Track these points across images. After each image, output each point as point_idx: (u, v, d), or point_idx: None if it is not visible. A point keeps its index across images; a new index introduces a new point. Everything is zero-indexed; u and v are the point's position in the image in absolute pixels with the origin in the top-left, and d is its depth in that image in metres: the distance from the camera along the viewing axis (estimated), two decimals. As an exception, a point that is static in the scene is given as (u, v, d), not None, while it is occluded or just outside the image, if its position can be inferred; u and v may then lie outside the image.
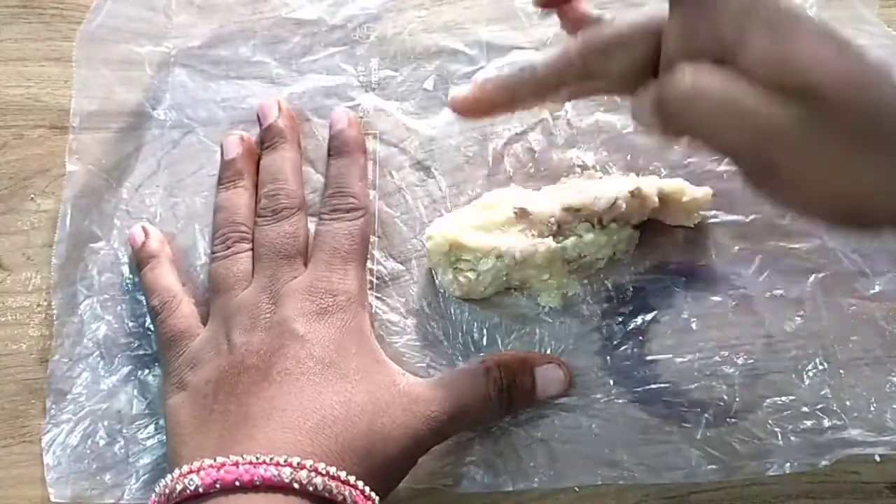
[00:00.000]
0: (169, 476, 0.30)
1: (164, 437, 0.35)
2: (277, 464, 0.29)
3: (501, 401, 0.34)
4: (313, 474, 0.29)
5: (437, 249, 0.36)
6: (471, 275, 0.36)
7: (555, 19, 0.41)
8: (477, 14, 0.41)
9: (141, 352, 0.37)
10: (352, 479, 0.30)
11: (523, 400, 0.35)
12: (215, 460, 0.29)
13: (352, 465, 0.30)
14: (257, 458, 0.29)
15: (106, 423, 0.36)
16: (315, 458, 0.29)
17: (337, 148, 0.38)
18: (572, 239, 0.36)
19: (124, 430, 0.36)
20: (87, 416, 0.36)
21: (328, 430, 0.31)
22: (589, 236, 0.35)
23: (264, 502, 0.28)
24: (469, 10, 0.41)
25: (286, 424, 0.31)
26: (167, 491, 0.29)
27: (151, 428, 0.36)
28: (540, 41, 0.41)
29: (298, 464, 0.29)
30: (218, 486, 0.28)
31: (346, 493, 0.29)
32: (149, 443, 0.36)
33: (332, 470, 0.29)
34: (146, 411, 0.37)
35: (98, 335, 0.38)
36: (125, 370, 0.37)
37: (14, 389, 0.37)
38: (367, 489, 0.30)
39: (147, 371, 0.37)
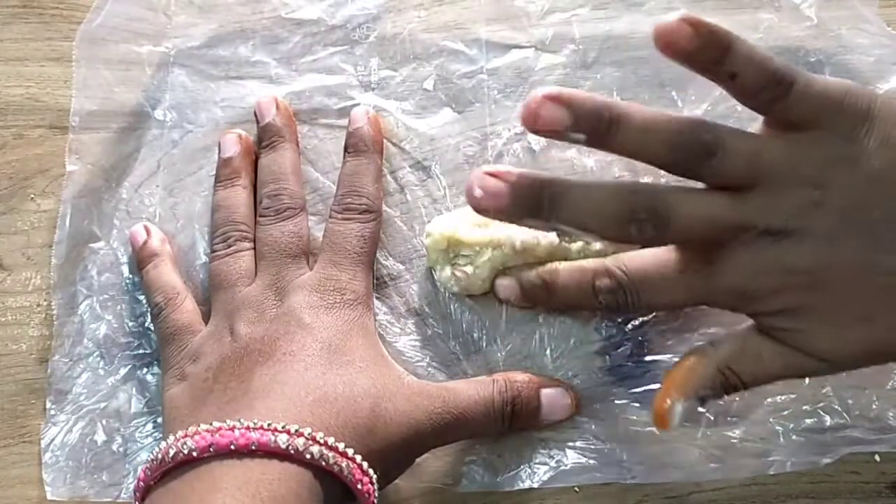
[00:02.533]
0: (163, 443, 0.29)
1: (161, 434, 0.35)
2: (274, 430, 0.29)
3: (505, 414, 0.34)
4: (310, 443, 0.29)
5: (436, 246, 0.36)
6: (469, 269, 0.36)
7: (553, 19, 0.41)
8: (477, 14, 0.41)
9: (140, 351, 0.37)
10: (349, 451, 0.30)
11: (527, 419, 0.35)
12: (211, 425, 0.29)
13: (351, 440, 0.30)
14: (254, 424, 0.29)
15: (104, 421, 0.36)
16: (314, 428, 0.29)
17: (354, 146, 0.38)
18: (580, 244, 0.35)
19: (122, 429, 0.36)
20: (86, 416, 0.36)
21: (329, 406, 0.31)
22: (597, 246, 0.35)
23: (259, 468, 0.28)
24: (469, 9, 0.41)
25: (287, 396, 0.31)
26: (160, 456, 0.29)
27: (150, 426, 0.36)
28: (540, 41, 0.41)
29: (296, 431, 0.29)
30: (212, 449, 0.28)
31: (343, 464, 0.29)
32: (147, 441, 0.36)
33: (331, 440, 0.29)
34: (145, 410, 0.37)
35: (98, 335, 0.38)
36: (125, 370, 0.37)
37: (14, 389, 0.37)
38: (365, 464, 0.30)
39: (146, 370, 0.37)
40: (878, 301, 0.29)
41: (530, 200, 0.29)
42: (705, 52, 0.28)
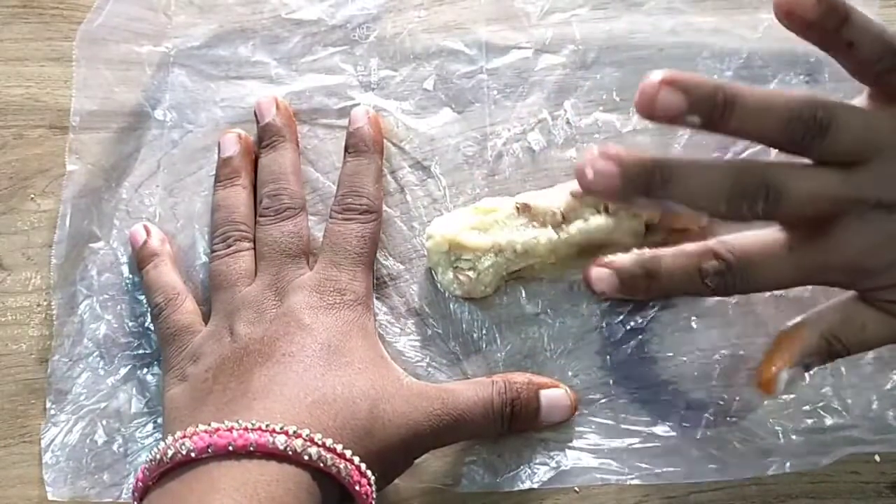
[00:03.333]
0: (161, 443, 0.30)
1: (161, 434, 0.35)
2: (273, 431, 0.29)
3: (504, 415, 0.34)
4: (308, 444, 0.29)
5: (437, 249, 0.36)
6: (471, 273, 0.36)
7: (553, 19, 0.41)
8: (477, 14, 0.41)
9: (140, 351, 0.37)
10: (348, 453, 0.30)
11: (526, 420, 0.35)
12: (209, 425, 0.29)
13: (349, 442, 0.30)
14: (252, 425, 0.29)
15: (105, 421, 0.36)
16: (312, 429, 0.29)
17: (354, 146, 0.38)
18: (578, 223, 0.35)
19: (123, 429, 0.36)
20: (87, 416, 0.37)
21: (327, 407, 0.31)
22: (597, 219, 0.35)
23: (258, 469, 0.28)
24: (469, 10, 0.41)
25: (285, 397, 0.31)
26: (159, 457, 0.29)
27: (150, 426, 0.36)
28: (540, 41, 0.40)
29: (294, 432, 0.29)
30: (210, 450, 0.28)
31: (341, 466, 0.29)
32: (147, 441, 0.36)
33: (329, 442, 0.29)
34: (145, 410, 0.37)
35: (98, 335, 0.38)
36: (125, 370, 0.37)
37: (14, 389, 0.37)
38: (363, 466, 0.30)
39: (146, 370, 0.37)
40: None
41: (642, 179, 0.29)
42: (825, 20, 0.28)
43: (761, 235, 0.32)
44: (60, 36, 0.42)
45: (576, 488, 0.35)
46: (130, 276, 0.38)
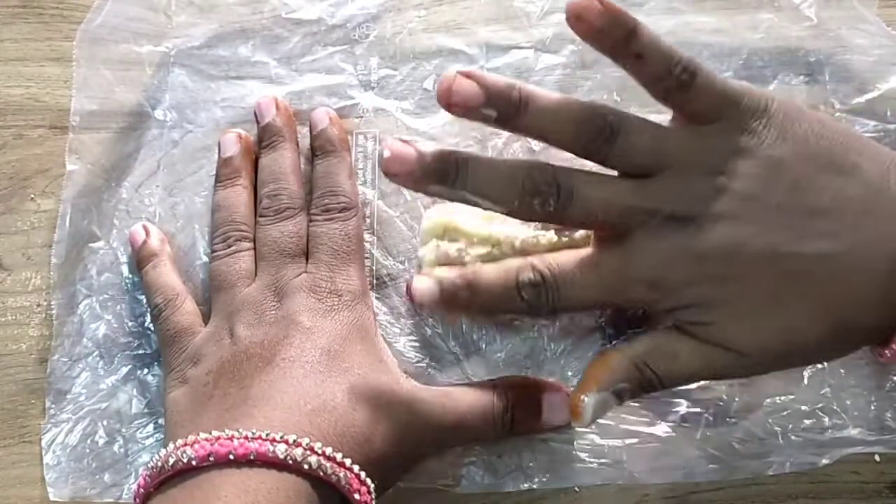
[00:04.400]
0: (163, 450, 0.30)
1: (163, 436, 0.35)
2: (273, 440, 0.29)
3: (504, 420, 0.34)
4: (308, 453, 0.29)
5: (431, 231, 0.36)
6: (454, 252, 0.35)
7: (553, 19, 0.41)
8: (477, 14, 0.41)
9: (140, 351, 0.37)
10: (347, 461, 0.30)
11: (527, 424, 0.35)
12: (210, 434, 0.29)
13: (349, 450, 0.30)
14: (253, 434, 0.29)
15: (105, 422, 0.36)
16: (312, 438, 0.29)
17: (321, 147, 0.38)
18: (581, 233, 0.35)
19: (123, 430, 0.36)
20: (87, 416, 0.37)
21: (327, 415, 0.31)
22: None
23: (258, 478, 0.28)
24: (469, 9, 0.41)
25: (285, 405, 0.31)
26: (160, 464, 0.29)
27: (151, 427, 0.36)
28: (539, 41, 0.40)
29: (294, 441, 0.29)
30: (211, 458, 0.28)
31: (341, 474, 0.29)
32: (148, 442, 0.36)
33: (328, 451, 0.29)
34: (145, 410, 0.37)
35: (97, 335, 0.38)
36: (125, 370, 0.37)
37: (14, 389, 0.37)
38: (363, 474, 0.30)
39: (146, 370, 0.37)
40: (785, 288, 0.30)
41: (438, 166, 0.30)
42: (613, 29, 0.29)
43: (578, 253, 0.32)
44: (60, 36, 0.42)
45: (576, 488, 0.35)
46: (130, 275, 0.38)
